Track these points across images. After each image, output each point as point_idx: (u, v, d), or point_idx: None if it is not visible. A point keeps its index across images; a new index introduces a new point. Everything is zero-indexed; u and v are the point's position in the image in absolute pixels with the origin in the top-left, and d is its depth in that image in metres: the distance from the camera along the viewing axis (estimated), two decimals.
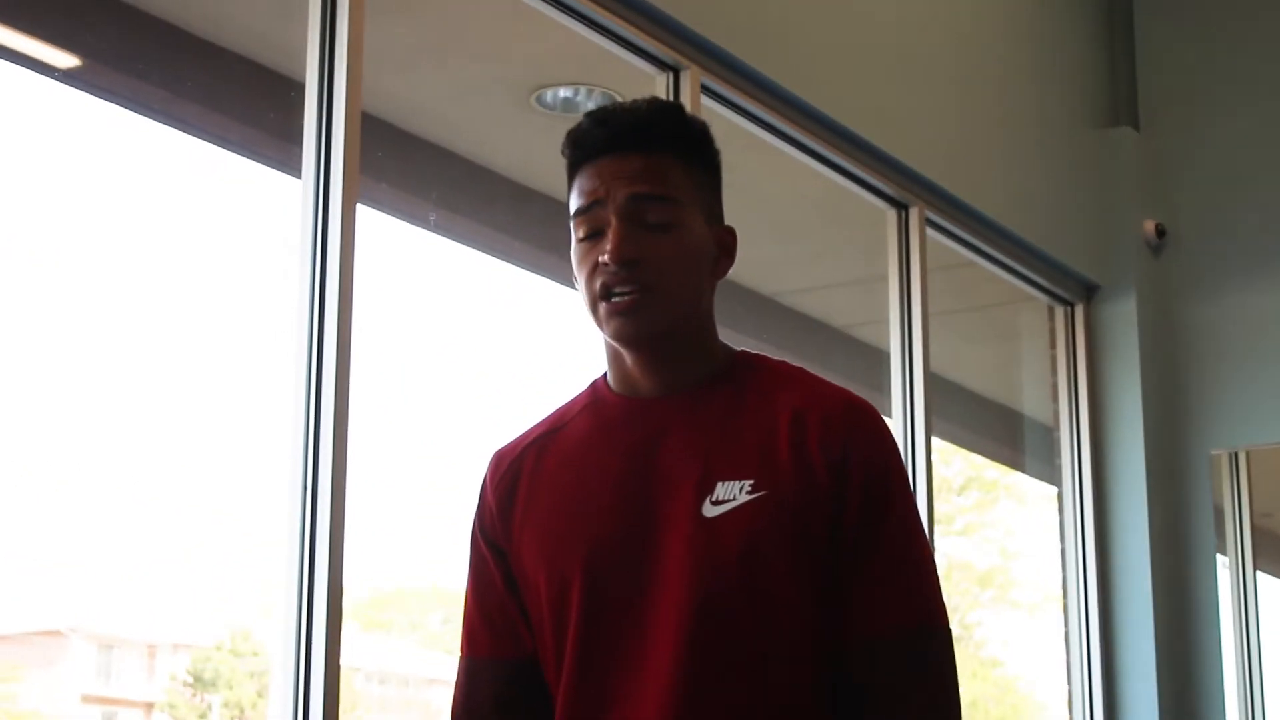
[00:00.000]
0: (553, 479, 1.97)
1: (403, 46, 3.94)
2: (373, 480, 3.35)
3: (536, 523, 1.95)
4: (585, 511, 1.92)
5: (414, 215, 4.24)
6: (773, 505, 1.85)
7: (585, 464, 1.95)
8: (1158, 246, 6.01)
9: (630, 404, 1.96)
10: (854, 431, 1.90)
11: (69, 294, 3.15)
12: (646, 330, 1.91)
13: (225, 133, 3.66)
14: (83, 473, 3.12)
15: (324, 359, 3.03)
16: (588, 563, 1.89)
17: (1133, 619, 5.62)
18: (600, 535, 1.89)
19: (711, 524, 1.85)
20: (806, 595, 1.85)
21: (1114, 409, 5.79)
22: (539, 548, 1.93)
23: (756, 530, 1.84)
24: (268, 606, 3.28)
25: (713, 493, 1.87)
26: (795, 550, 1.84)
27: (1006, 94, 5.54)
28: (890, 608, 1.86)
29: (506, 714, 1.98)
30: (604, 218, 1.91)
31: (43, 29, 3.19)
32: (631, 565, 1.87)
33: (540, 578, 1.92)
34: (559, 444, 1.99)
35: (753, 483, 1.86)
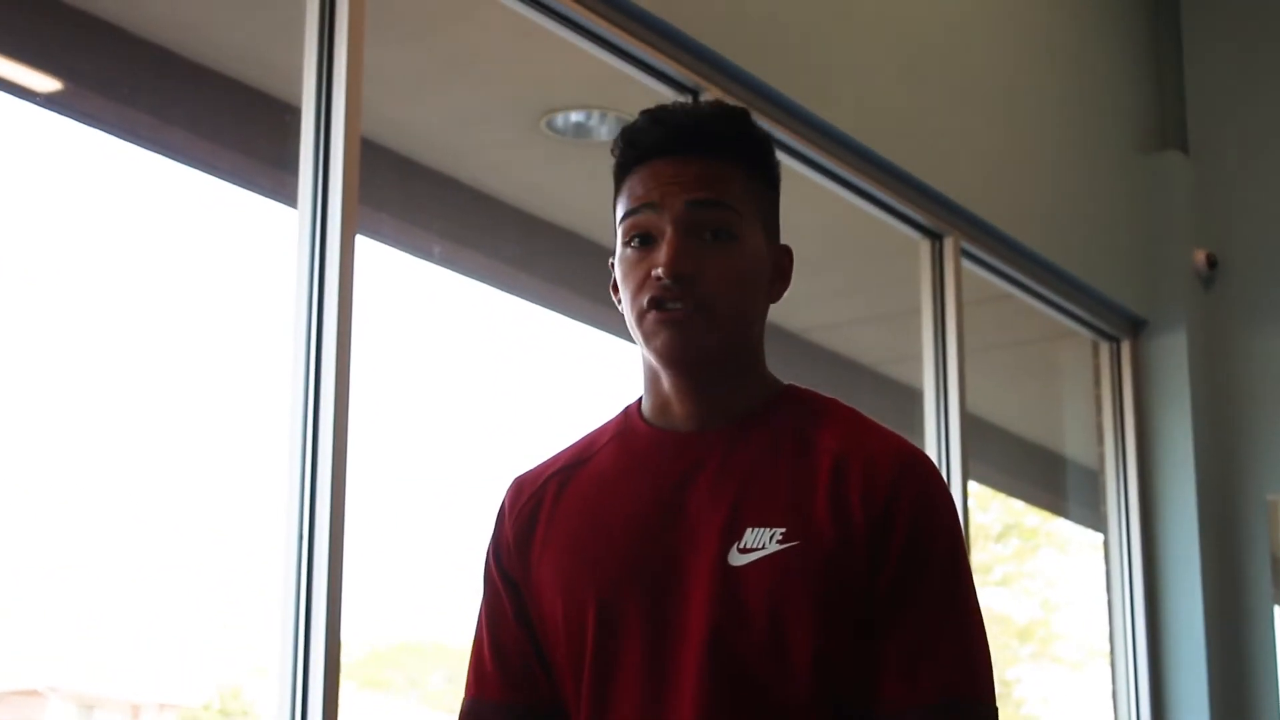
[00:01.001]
0: (574, 513, 1.93)
1: (405, 68, 3.95)
2: (371, 528, 3.34)
3: (553, 559, 1.91)
4: (604, 551, 1.88)
5: (417, 247, 4.24)
6: (804, 558, 1.79)
7: (609, 499, 1.91)
8: (1209, 278, 5.99)
9: (662, 437, 1.91)
10: (901, 484, 1.82)
11: (50, 332, 3.15)
12: (695, 349, 1.85)
13: (216, 160, 3.66)
14: (64, 523, 3.11)
15: (321, 401, 3.02)
16: (601, 606, 1.85)
17: (1185, 676, 5.58)
18: (617, 578, 1.85)
19: (737, 574, 1.80)
20: (834, 657, 1.79)
21: (1163, 451, 5.76)
22: (555, 586, 1.89)
23: (784, 585, 1.79)
24: (259, 663, 3.27)
25: (740, 539, 1.81)
26: (825, 609, 1.79)
27: (1047, 117, 5.54)
28: (926, 676, 1.78)
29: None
30: (658, 225, 1.86)
31: (22, 51, 3.20)
32: (649, 612, 1.83)
33: (557, 618, 1.89)
34: (584, 475, 1.95)
35: (784, 531, 1.81)
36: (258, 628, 3.21)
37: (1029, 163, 5.40)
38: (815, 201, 4.78)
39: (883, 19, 4.72)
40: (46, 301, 3.15)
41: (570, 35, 3.72)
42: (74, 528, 3.12)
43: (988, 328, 5.43)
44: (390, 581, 3.74)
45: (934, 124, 4.87)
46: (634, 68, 3.88)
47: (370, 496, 3.29)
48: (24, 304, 3.10)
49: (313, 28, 3.19)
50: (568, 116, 4.25)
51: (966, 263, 5.02)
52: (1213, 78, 6.19)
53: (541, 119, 4.25)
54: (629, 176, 1.91)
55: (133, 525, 3.22)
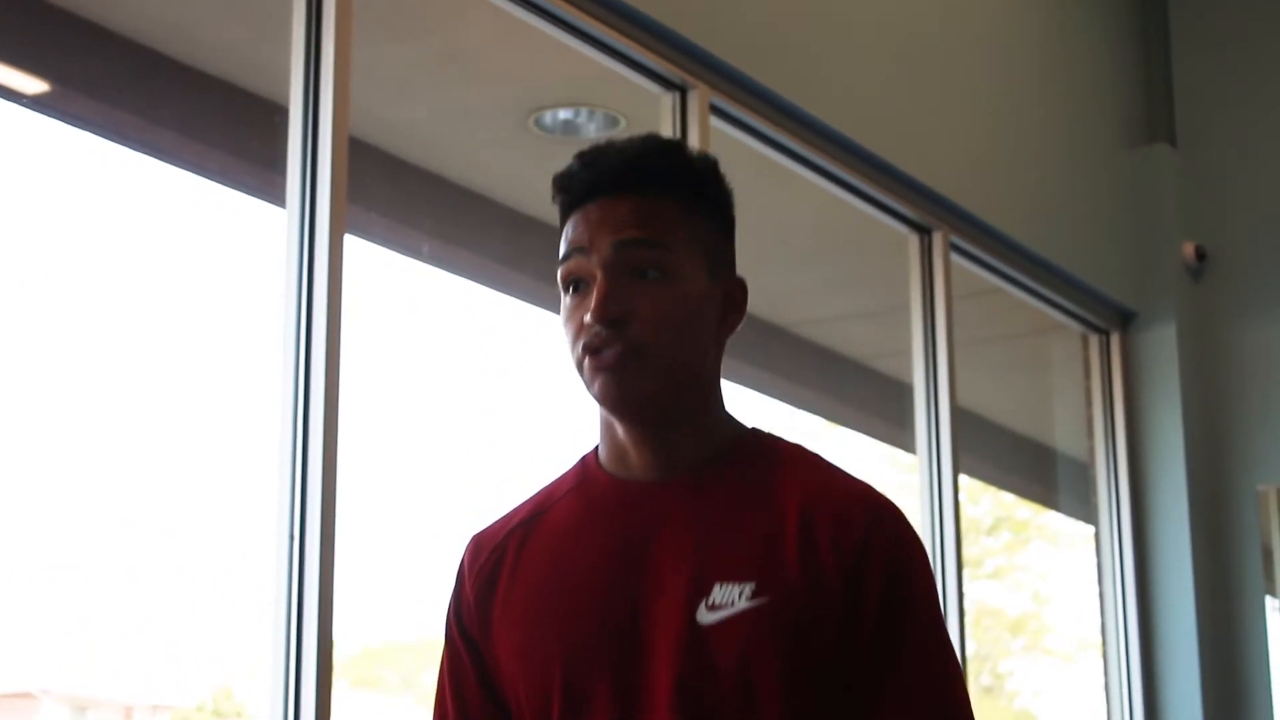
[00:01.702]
0: (534, 571, 1.87)
1: (392, 67, 3.95)
2: (363, 527, 3.33)
3: (515, 620, 1.86)
4: (566, 611, 1.82)
5: (406, 245, 4.24)
6: (774, 614, 1.74)
7: (570, 555, 1.86)
8: (1198, 270, 5.99)
9: (622, 488, 1.86)
10: (873, 533, 1.78)
11: (41, 335, 3.15)
12: (636, 393, 1.79)
13: (204, 160, 3.66)
14: (56, 525, 3.11)
15: (311, 400, 3.02)
16: (567, 669, 1.80)
17: (1177, 667, 5.59)
18: (581, 639, 1.80)
19: (706, 632, 1.75)
20: (808, 714, 1.75)
21: (1153, 443, 5.77)
22: (518, 649, 1.85)
23: (755, 643, 1.74)
24: (251, 663, 3.27)
25: (709, 596, 1.76)
26: (797, 665, 1.74)
27: (1035, 111, 5.54)
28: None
29: None
30: (588, 270, 1.81)
31: (8, 53, 3.20)
32: (616, 673, 1.78)
33: (520, 681, 1.84)
34: (543, 530, 1.89)
35: (754, 586, 1.75)
36: (250, 627, 3.21)
37: (1017, 157, 5.40)
38: (804, 196, 4.78)
39: (871, 14, 4.73)
40: (37, 304, 3.14)
41: (558, 33, 3.72)
42: (66, 529, 3.12)
43: (977, 322, 5.43)
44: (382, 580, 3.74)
45: (922, 119, 4.87)
46: (622, 65, 3.88)
47: (361, 495, 3.28)
48: (14, 306, 3.10)
49: (299, 27, 3.18)
50: (556, 114, 4.25)
51: (955, 257, 5.03)
52: (1200, 70, 6.19)
53: (530, 117, 4.24)
54: (565, 223, 1.86)
55: (124, 526, 3.21)
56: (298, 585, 2.95)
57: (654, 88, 3.97)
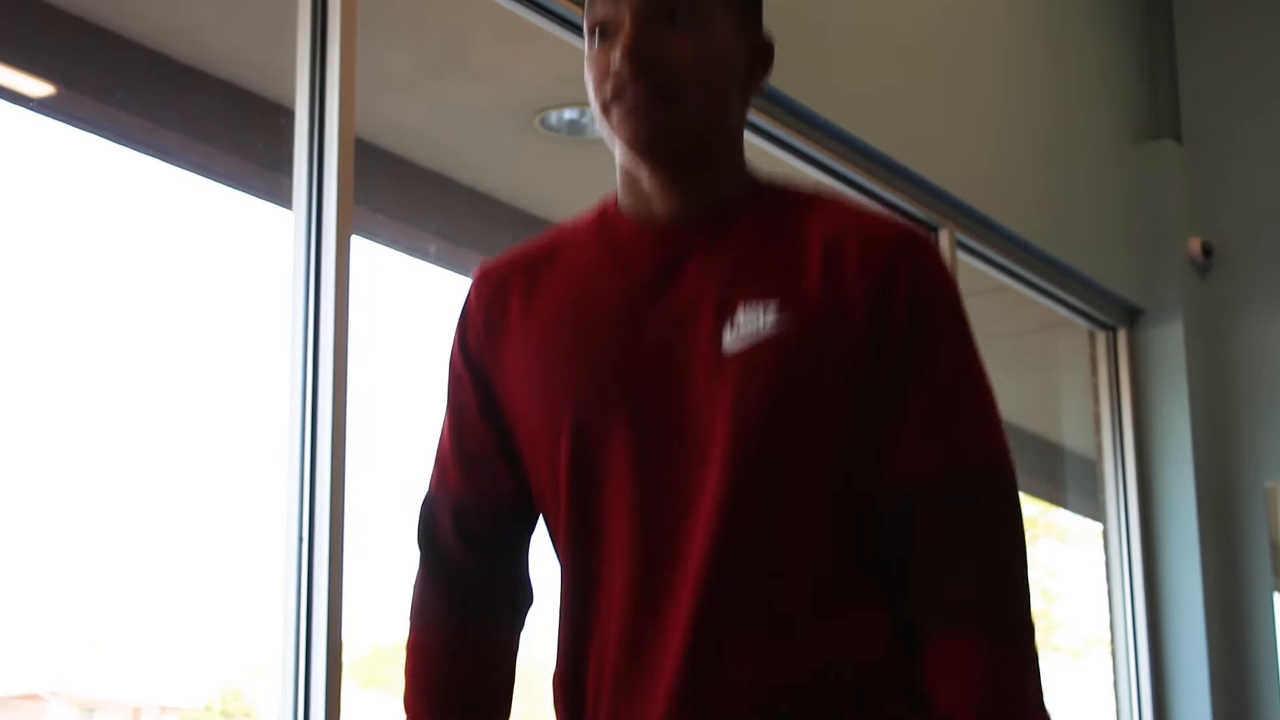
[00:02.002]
0: (550, 303, 1.84)
1: (398, 68, 3.95)
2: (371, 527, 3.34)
3: (530, 350, 1.83)
4: (584, 343, 1.80)
5: (413, 247, 4.24)
6: (800, 335, 1.72)
7: (588, 290, 1.83)
8: (1204, 266, 5.99)
9: (644, 230, 1.83)
10: (901, 256, 1.76)
11: (48, 338, 3.15)
12: (662, 134, 1.77)
13: (211, 163, 3.66)
14: (65, 526, 3.11)
15: (319, 401, 3.02)
16: (581, 403, 1.77)
17: (1186, 664, 5.58)
18: (600, 371, 1.78)
19: (732, 360, 1.72)
20: (839, 441, 1.73)
21: (1161, 440, 5.76)
22: (532, 380, 1.82)
23: (780, 365, 1.71)
24: (260, 664, 3.27)
25: (733, 319, 1.73)
26: (824, 382, 1.72)
27: (1041, 108, 5.53)
28: (939, 446, 1.72)
29: (472, 548, 1.89)
30: (616, 17, 1.79)
31: (15, 56, 3.20)
32: (635, 407, 1.76)
33: (533, 414, 1.81)
34: (560, 264, 1.87)
35: (777, 304, 1.73)
36: (259, 628, 3.21)
37: (1023, 154, 5.40)
38: None
39: (877, 13, 4.72)
40: (43, 306, 3.14)
41: (563, 33, 3.72)
42: (75, 531, 3.12)
43: (984, 319, 5.39)
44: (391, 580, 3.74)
45: (928, 117, 4.87)
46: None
47: (370, 496, 3.29)
48: (21, 309, 3.10)
49: (305, 29, 3.18)
50: (561, 114, 4.25)
51: (962, 254, 5.02)
52: (1206, 66, 6.18)
53: (535, 117, 4.25)
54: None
55: (133, 528, 3.22)
56: (307, 585, 2.95)
57: None
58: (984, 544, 1.71)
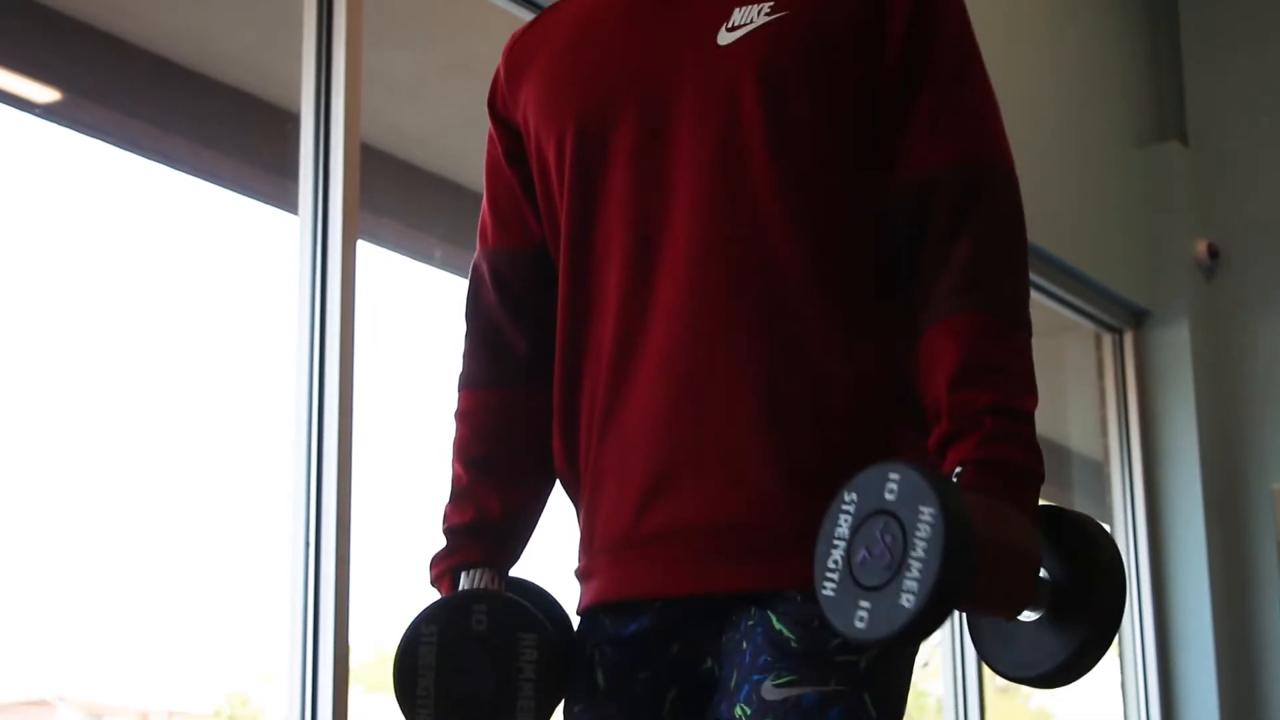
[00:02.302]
0: (561, 36, 1.88)
1: (403, 73, 3.95)
2: (377, 532, 3.34)
3: (539, 74, 1.86)
4: (585, 60, 1.82)
5: (418, 251, 4.24)
6: (795, 24, 1.71)
7: (594, 14, 1.86)
8: (1210, 268, 5.98)
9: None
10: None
11: (55, 344, 3.15)
12: None
13: (217, 168, 3.66)
14: (72, 532, 3.11)
15: (325, 406, 3.03)
16: (581, 113, 1.79)
17: (1193, 666, 5.58)
18: (602, 78, 1.79)
19: (726, 51, 1.72)
20: (842, 140, 1.72)
21: (1168, 442, 5.76)
22: (540, 101, 1.84)
23: (776, 53, 1.70)
24: (268, 668, 3.27)
25: (729, 18, 1.73)
26: (821, 77, 1.71)
27: (1046, 110, 5.53)
28: (943, 142, 1.72)
29: (511, 307, 1.91)
30: None
31: (20, 62, 3.20)
32: (636, 107, 1.76)
33: (542, 131, 1.82)
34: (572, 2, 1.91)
35: (772, 3, 1.72)
36: (266, 633, 3.22)
37: (1028, 156, 5.36)
38: None
39: None
40: (50, 312, 3.15)
41: None
42: (82, 536, 3.12)
43: None
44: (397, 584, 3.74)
45: None
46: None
47: (376, 500, 3.29)
48: (28, 315, 3.10)
49: (310, 34, 3.19)
50: None
51: None
52: (1211, 68, 6.18)
53: None
54: None
55: (140, 533, 3.22)
56: (314, 590, 2.96)
57: None
58: (983, 234, 1.72)
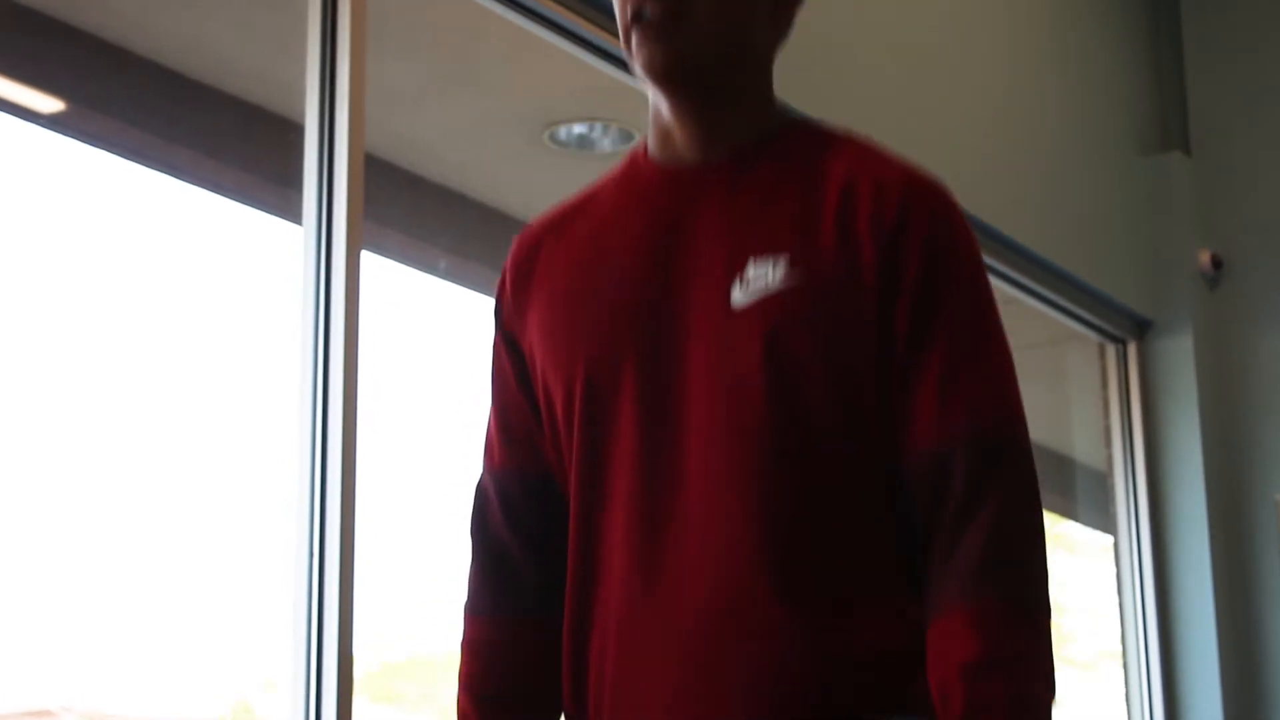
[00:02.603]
0: (571, 255, 1.83)
1: (408, 84, 3.95)
2: (382, 542, 3.34)
3: (545, 300, 1.82)
4: (598, 290, 1.78)
5: (422, 262, 4.24)
6: (809, 289, 1.68)
7: (607, 240, 1.81)
8: (1214, 278, 5.98)
9: (665, 172, 1.81)
10: (912, 203, 1.72)
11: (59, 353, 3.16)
12: (678, 58, 1.75)
13: (221, 178, 3.67)
14: (76, 541, 3.11)
15: (329, 415, 3.03)
16: (592, 349, 1.76)
17: (1198, 677, 5.57)
18: (611, 316, 1.76)
19: (741, 314, 1.69)
20: (850, 400, 1.68)
21: (1172, 453, 5.75)
22: (546, 328, 1.81)
23: (789, 321, 1.67)
24: (271, 678, 3.27)
25: (743, 272, 1.69)
26: (833, 344, 1.68)
27: (1049, 119, 5.53)
28: (952, 418, 1.66)
29: (520, 531, 1.85)
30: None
31: (25, 72, 3.21)
32: (643, 354, 1.73)
33: (547, 365, 1.80)
34: (585, 218, 1.86)
35: (788, 259, 1.69)
36: (270, 642, 3.21)
37: (1032, 166, 5.39)
38: None
39: (882, 23, 4.72)
40: (54, 321, 3.15)
41: (572, 47, 3.72)
42: (86, 546, 3.12)
43: None
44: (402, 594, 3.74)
45: (935, 128, 4.86)
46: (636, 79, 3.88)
47: (380, 510, 3.29)
48: (32, 324, 3.10)
49: (314, 44, 3.19)
50: (571, 129, 4.26)
51: None
52: (1214, 77, 6.18)
53: (544, 131, 4.25)
54: None
55: (144, 542, 3.22)
56: (318, 600, 2.96)
57: None
58: (1000, 513, 1.64)
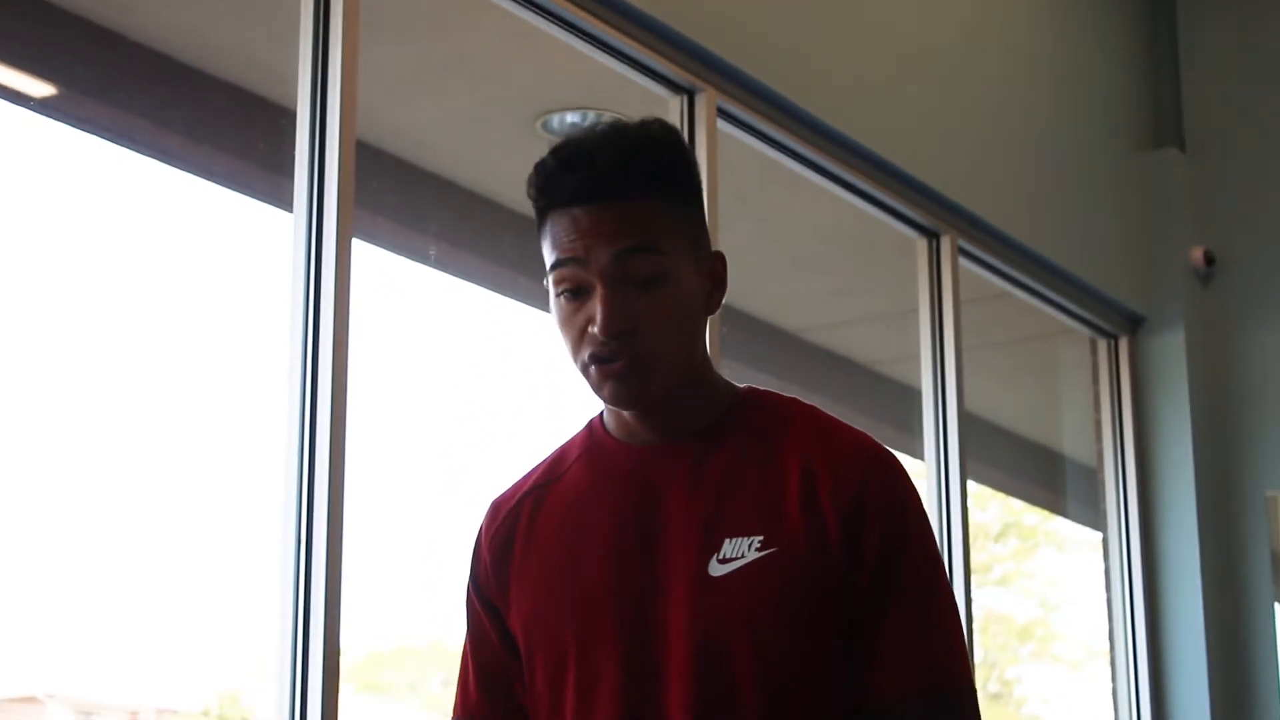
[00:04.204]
0: (549, 534, 1.94)
1: (400, 71, 3.95)
2: (369, 531, 3.34)
3: (531, 582, 1.92)
4: (581, 573, 1.89)
5: (413, 250, 4.24)
6: (782, 565, 1.82)
7: (580, 520, 1.92)
8: (1206, 275, 5.99)
9: (629, 451, 1.92)
10: (868, 481, 1.85)
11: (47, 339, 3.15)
12: (641, 394, 1.86)
13: (212, 164, 3.66)
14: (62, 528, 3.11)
15: (318, 404, 3.03)
16: (582, 631, 1.86)
17: (1186, 674, 5.58)
18: (595, 598, 1.87)
19: (717, 583, 1.82)
20: (817, 658, 1.82)
21: (1162, 448, 5.77)
22: (534, 610, 1.91)
23: (764, 592, 1.81)
24: (258, 667, 3.27)
25: (719, 551, 1.83)
26: (805, 613, 1.82)
27: (1044, 115, 5.54)
28: (909, 673, 1.82)
29: None
30: (586, 279, 1.83)
31: (16, 56, 3.20)
32: (627, 629, 1.85)
33: (534, 646, 1.90)
34: (556, 494, 1.96)
35: (761, 539, 1.83)
36: (256, 631, 3.21)
37: (1026, 160, 5.40)
38: (811, 202, 4.78)
39: (879, 18, 4.73)
40: (43, 308, 3.15)
41: (565, 36, 3.73)
42: (71, 533, 3.12)
43: (985, 326, 5.43)
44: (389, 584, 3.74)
45: (930, 122, 4.87)
46: (629, 68, 3.89)
47: (368, 499, 3.29)
48: (20, 310, 3.10)
49: (307, 31, 3.19)
50: (563, 117, 4.25)
51: (963, 261, 5.03)
52: (1209, 74, 6.19)
53: (537, 120, 4.25)
54: (549, 219, 1.88)
55: (130, 530, 3.22)
56: (304, 589, 2.96)
57: (662, 91, 3.98)
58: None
